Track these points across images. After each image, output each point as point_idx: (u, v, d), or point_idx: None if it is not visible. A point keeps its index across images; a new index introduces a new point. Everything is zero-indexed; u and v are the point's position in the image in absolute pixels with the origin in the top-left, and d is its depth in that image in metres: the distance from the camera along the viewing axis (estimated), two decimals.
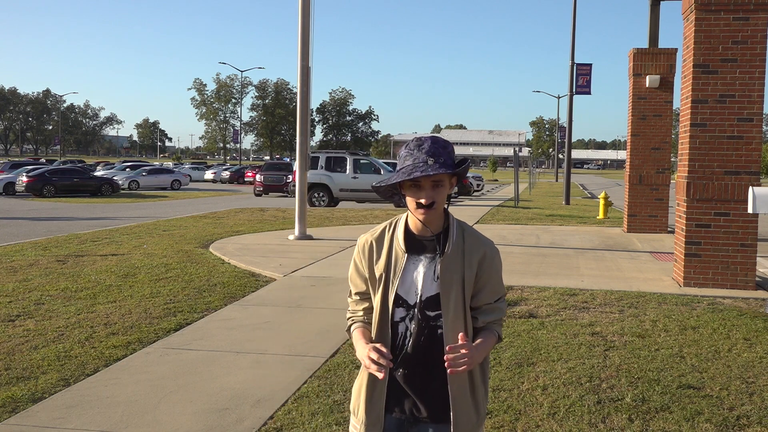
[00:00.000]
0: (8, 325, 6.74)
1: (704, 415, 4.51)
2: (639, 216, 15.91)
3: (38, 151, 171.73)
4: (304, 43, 13.64)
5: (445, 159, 2.16)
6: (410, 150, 2.17)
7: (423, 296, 2.20)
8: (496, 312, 2.28)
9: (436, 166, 2.11)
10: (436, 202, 2.16)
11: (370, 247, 2.29)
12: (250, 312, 7.44)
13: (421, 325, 2.20)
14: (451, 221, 2.28)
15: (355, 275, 2.34)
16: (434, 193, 2.15)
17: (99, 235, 14.55)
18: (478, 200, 30.91)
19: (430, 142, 2.17)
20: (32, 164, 43.03)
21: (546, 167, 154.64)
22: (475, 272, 2.23)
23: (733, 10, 8.80)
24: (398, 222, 2.30)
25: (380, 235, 2.30)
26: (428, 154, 2.13)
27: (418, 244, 2.25)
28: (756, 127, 8.87)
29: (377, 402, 2.24)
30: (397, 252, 2.24)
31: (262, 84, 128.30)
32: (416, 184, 2.15)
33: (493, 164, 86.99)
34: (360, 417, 2.27)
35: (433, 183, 2.15)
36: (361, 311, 2.34)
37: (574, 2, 27.20)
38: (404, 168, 2.15)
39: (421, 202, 2.14)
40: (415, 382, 2.22)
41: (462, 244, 2.25)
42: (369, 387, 2.25)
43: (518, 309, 7.52)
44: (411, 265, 2.23)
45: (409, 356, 2.21)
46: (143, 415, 4.44)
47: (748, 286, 8.84)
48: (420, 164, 2.12)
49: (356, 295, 2.36)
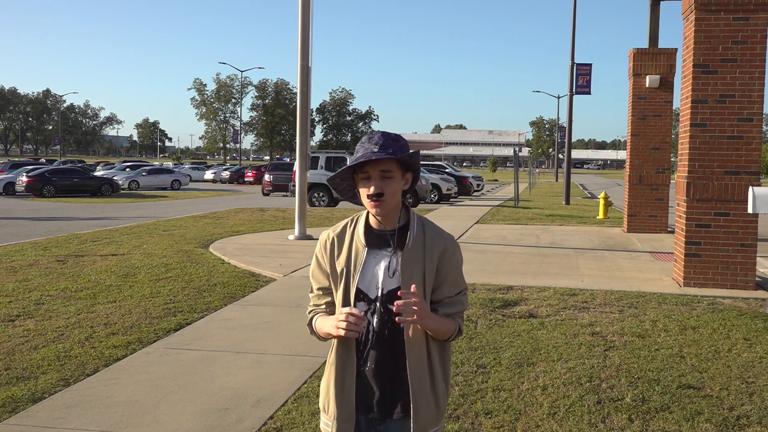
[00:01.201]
0: (8, 325, 6.74)
1: (704, 415, 4.51)
2: (639, 216, 15.91)
3: (38, 151, 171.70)
4: (304, 43, 13.64)
5: (394, 150, 2.18)
6: (362, 143, 2.22)
7: (384, 290, 2.22)
8: (457, 305, 2.30)
9: (381, 153, 2.15)
10: (385, 193, 2.18)
11: (332, 243, 2.31)
12: (250, 312, 7.44)
13: (384, 319, 2.22)
14: (411, 216, 2.31)
15: (317, 271, 2.35)
16: (383, 184, 2.17)
17: (99, 235, 14.55)
18: (478, 200, 30.92)
19: (381, 134, 2.22)
20: (32, 164, 43.00)
21: (546, 167, 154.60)
22: (435, 266, 2.25)
23: (733, 10, 8.80)
24: (359, 218, 2.34)
25: (341, 230, 2.33)
26: (376, 145, 2.17)
27: (379, 239, 2.27)
28: (756, 127, 8.87)
29: (348, 396, 2.24)
30: (358, 247, 2.27)
31: (262, 84, 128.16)
32: (366, 175, 2.19)
33: (493, 164, 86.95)
34: (331, 413, 2.26)
35: (382, 174, 2.18)
36: (323, 305, 2.35)
37: (574, 2, 27.20)
38: (355, 158, 2.20)
39: (370, 192, 2.17)
40: (380, 376, 2.23)
41: (423, 238, 2.27)
42: (338, 382, 2.26)
43: (518, 309, 7.52)
44: (372, 259, 2.25)
45: (373, 351, 2.23)
46: (143, 415, 4.44)
47: (748, 286, 8.84)
48: (367, 153, 2.17)
49: (318, 290, 2.37)
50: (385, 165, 2.18)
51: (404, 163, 2.23)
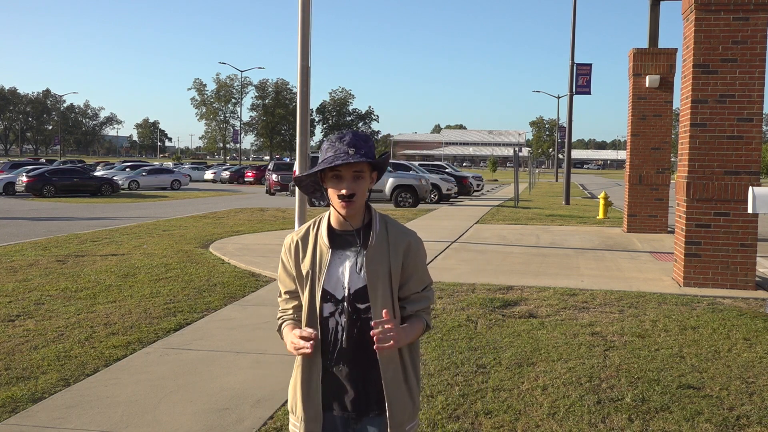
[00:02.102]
0: (8, 325, 6.74)
1: (704, 415, 4.51)
2: (639, 216, 15.91)
3: (38, 151, 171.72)
4: (304, 43, 13.64)
5: (366, 151, 2.18)
6: (332, 142, 2.21)
7: (351, 290, 2.23)
8: (423, 300, 2.32)
9: (357, 155, 2.14)
10: (357, 194, 2.18)
11: (296, 246, 2.32)
12: (250, 312, 7.44)
13: (352, 318, 2.23)
14: (373, 214, 2.31)
15: (284, 274, 2.37)
16: (355, 185, 2.18)
17: (99, 235, 14.55)
18: (477, 200, 30.91)
19: (351, 134, 2.21)
20: (32, 164, 42.99)
21: (546, 167, 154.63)
22: (401, 263, 2.27)
23: (733, 10, 8.80)
24: (322, 219, 2.34)
25: (305, 233, 2.33)
26: (349, 146, 2.17)
27: (342, 239, 2.28)
28: (756, 127, 8.87)
29: (314, 396, 2.26)
30: (322, 248, 2.28)
31: (262, 84, 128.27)
32: (337, 175, 2.19)
33: (493, 164, 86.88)
34: (298, 414, 2.28)
35: (354, 174, 2.18)
36: (291, 310, 2.37)
37: (574, 2, 27.20)
38: (326, 159, 2.19)
39: (343, 194, 2.17)
40: (353, 375, 2.24)
41: (386, 235, 2.28)
42: (304, 383, 2.27)
43: (518, 309, 7.52)
44: (336, 260, 2.26)
45: (344, 351, 2.24)
46: (143, 415, 4.44)
47: (748, 286, 8.84)
48: (341, 154, 2.16)
49: (286, 294, 2.38)
50: (358, 166, 2.18)
51: (376, 164, 2.24)
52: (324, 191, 2.28)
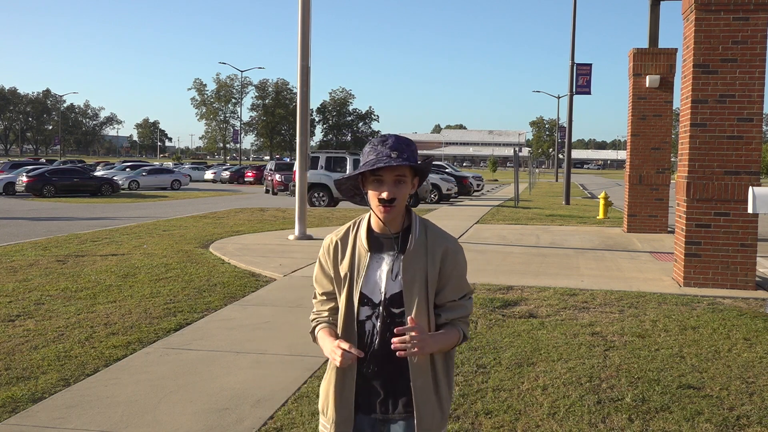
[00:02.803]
0: (8, 325, 6.74)
1: (704, 415, 4.51)
2: (639, 216, 15.91)
3: (38, 151, 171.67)
4: (304, 43, 13.64)
5: (409, 155, 2.16)
6: (374, 146, 2.18)
7: (387, 294, 2.22)
8: (460, 309, 2.27)
9: (400, 159, 2.12)
10: (398, 198, 2.16)
11: (335, 247, 2.30)
12: (250, 312, 7.44)
13: (386, 322, 2.22)
14: (413, 219, 2.29)
15: (321, 275, 2.35)
16: (396, 189, 2.15)
17: (99, 235, 14.55)
18: (478, 200, 30.91)
19: (394, 138, 2.19)
20: (32, 164, 42.99)
21: (546, 167, 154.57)
22: (438, 269, 2.24)
23: (733, 10, 8.80)
24: (362, 221, 2.32)
25: (344, 234, 2.31)
26: (392, 149, 2.14)
27: (381, 242, 2.26)
28: (756, 127, 8.87)
29: (347, 400, 2.25)
30: (360, 251, 2.26)
31: (262, 84, 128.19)
32: (378, 179, 2.16)
33: (493, 164, 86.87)
34: (330, 416, 2.27)
35: (396, 179, 2.15)
36: (326, 312, 2.35)
37: (574, 2, 27.20)
38: (368, 162, 2.16)
39: (383, 197, 2.14)
40: (383, 379, 2.23)
41: (425, 241, 2.26)
42: (338, 385, 2.26)
43: (518, 309, 7.52)
44: (374, 263, 2.24)
45: (377, 353, 2.23)
46: (143, 415, 4.44)
47: (748, 286, 8.84)
48: (383, 158, 2.13)
49: (322, 296, 2.36)
50: (400, 170, 2.15)
51: (418, 169, 2.21)
52: (364, 195, 2.25)
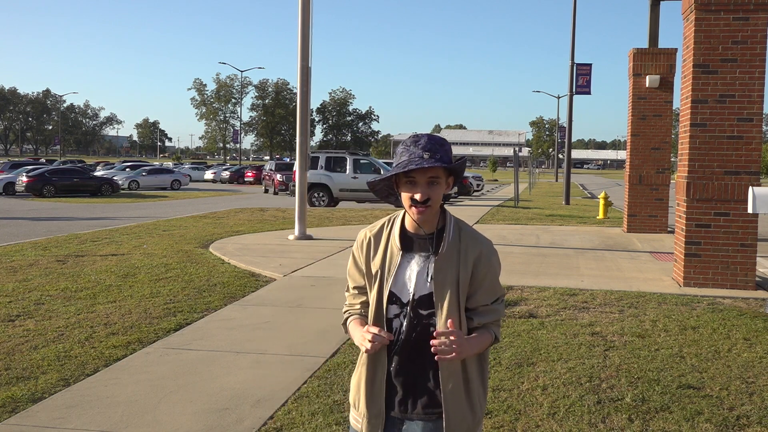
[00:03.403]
0: (8, 325, 6.74)
1: (704, 415, 4.51)
2: (639, 216, 15.91)
3: (38, 151, 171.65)
4: (304, 43, 13.64)
5: (442, 155, 2.12)
6: (407, 146, 2.16)
7: (416, 295, 2.19)
8: (493, 314, 2.24)
9: (432, 160, 2.09)
10: (432, 199, 2.14)
11: (368, 243, 2.29)
12: (250, 312, 7.44)
13: (413, 323, 2.20)
14: (448, 220, 2.26)
15: (354, 269, 2.34)
16: (429, 190, 2.13)
17: (99, 235, 14.55)
18: (478, 200, 30.91)
19: (427, 138, 2.15)
20: (32, 164, 43.00)
21: (546, 167, 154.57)
22: (470, 272, 2.20)
23: (733, 10, 8.80)
24: (396, 219, 2.30)
25: (378, 231, 2.30)
26: (424, 150, 2.11)
27: (414, 242, 2.24)
28: (756, 127, 8.87)
29: (378, 394, 2.24)
30: (393, 249, 2.24)
31: (262, 84, 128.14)
32: (411, 180, 2.13)
33: (493, 164, 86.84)
34: (361, 410, 2.27)
35: (429, 180, 2.13)
36: (359, 305, 2.34)
37: (574, 2, 27.20)
38: (400, 163, 2.13)
39: (416, 198, 2.12)
40: (405, 377, 2.22)
41: (458, 243, 2.23)
42: (368, 379, 2.25)
43: (518, 309, 7.52)
44: (405, 263, 2.22)
45: (400, 352, 2.22)
46: (143, 415, 4.44)
47: (748, 286, 8.84)
48: (416, 159, 2.10)
49: (354, 290, 2.36)
50: (433, 171, 2.13)
51: (452, 169, 2.18)
52: (398, 195, 2.23)
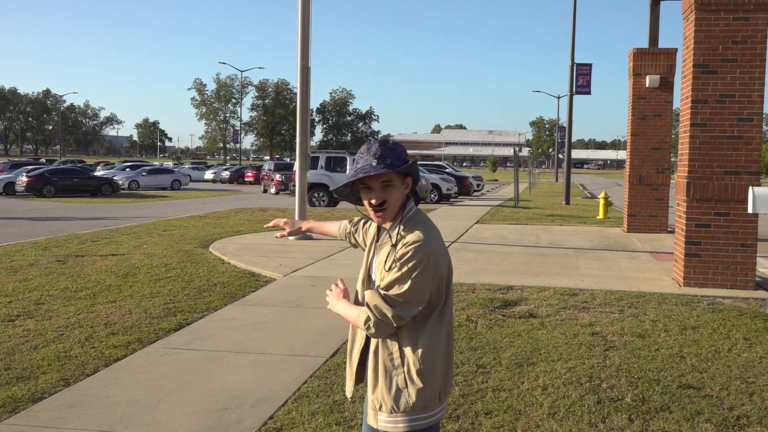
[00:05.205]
0: (8, 325, 6.74)
1: (704, 415, 4.51)
2: (639, 216, 15.91)
3: (38, 151, 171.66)
4: (304, 43, 13.64)
5: (393, 160, 2.24)
6: (361, 154, 2.29)
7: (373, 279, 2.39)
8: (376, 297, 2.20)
9: (380, 167, 2.21)
10: (387, 201, 2.27)
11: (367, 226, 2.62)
12: (250, 312, 7.44)
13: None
14: (401, 216, 2.31)
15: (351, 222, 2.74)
16: (384, 193, 2.26)
17: (99, 235, 14.55)
18: (478, 200, 30.91)
19: (378, 144, 2.28)
20: (32, 164, 42.98)
21: (546, 167, 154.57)
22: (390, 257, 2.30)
23: (733, 10, 8.80)
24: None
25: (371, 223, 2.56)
26: (374, 157, 2.24)
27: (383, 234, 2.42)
28: (756, 127, 8.87)
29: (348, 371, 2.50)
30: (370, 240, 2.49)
31: (262, 84, 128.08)
32: (367, 186, 2.28)
33: (493, 164, 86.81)
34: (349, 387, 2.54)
35: (383, 184, 2.26)
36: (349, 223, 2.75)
37: (574, 2, 27.19)
38: (356, 171, 2.28)
39: (372, 203, 2.27)
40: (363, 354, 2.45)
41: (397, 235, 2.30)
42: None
43: (518, 309, 7.52)
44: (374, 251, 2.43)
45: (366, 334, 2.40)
46: (143, 415, 4.44)
47: (748, 286, 8.84)
48: (366, 166, 2.24)
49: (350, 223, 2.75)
50: (386, 176, 2.25)
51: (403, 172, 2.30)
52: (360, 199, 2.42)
